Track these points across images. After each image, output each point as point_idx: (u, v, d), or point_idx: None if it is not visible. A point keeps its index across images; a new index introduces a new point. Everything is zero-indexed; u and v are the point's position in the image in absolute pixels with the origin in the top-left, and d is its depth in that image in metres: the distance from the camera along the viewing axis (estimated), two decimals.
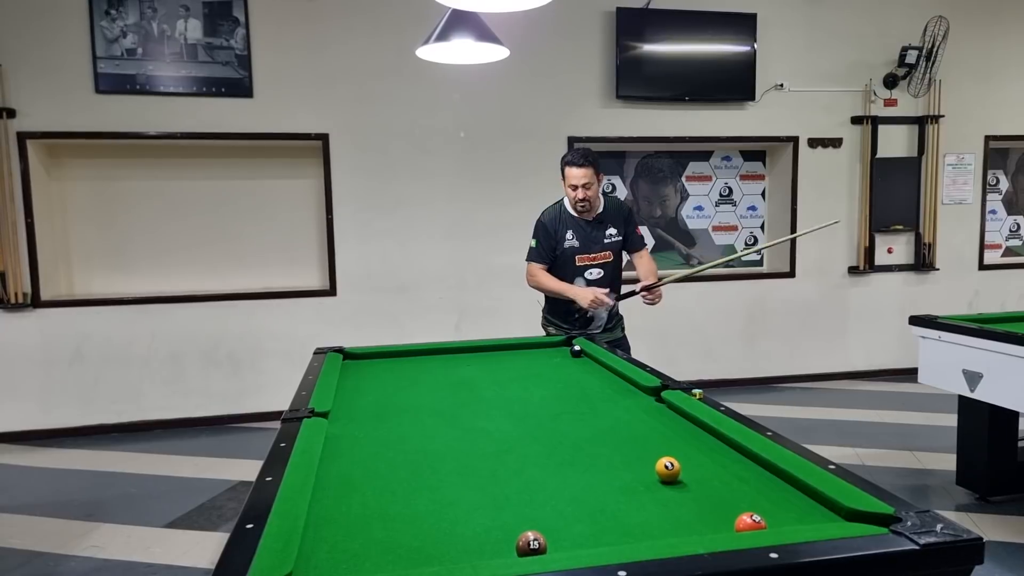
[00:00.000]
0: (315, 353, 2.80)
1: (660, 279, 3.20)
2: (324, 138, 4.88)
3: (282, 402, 2.15)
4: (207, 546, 3.09)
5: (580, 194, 3.07)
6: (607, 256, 3.21)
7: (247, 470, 3.92)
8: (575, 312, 3.20)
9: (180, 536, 3.21)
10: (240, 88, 4.72)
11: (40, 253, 4.59)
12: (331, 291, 4.99)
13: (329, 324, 4.93)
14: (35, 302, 4.58)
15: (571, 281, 3.20)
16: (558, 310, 3.27)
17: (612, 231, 3.21)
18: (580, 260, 3.19)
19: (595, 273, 3.21)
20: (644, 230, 5.72)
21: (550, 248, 3.19)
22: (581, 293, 3.09)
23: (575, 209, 3.14)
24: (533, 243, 3.24)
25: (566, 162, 3.10)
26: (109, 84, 4.56)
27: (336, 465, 1.62)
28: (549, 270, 3.23)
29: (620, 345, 3.28)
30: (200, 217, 4.98)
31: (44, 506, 3.56)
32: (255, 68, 4.74)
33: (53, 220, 4.75)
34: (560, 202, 3.25)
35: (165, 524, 3.32)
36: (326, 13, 4.82)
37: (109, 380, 4.74)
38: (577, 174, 3.05)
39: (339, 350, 2.84)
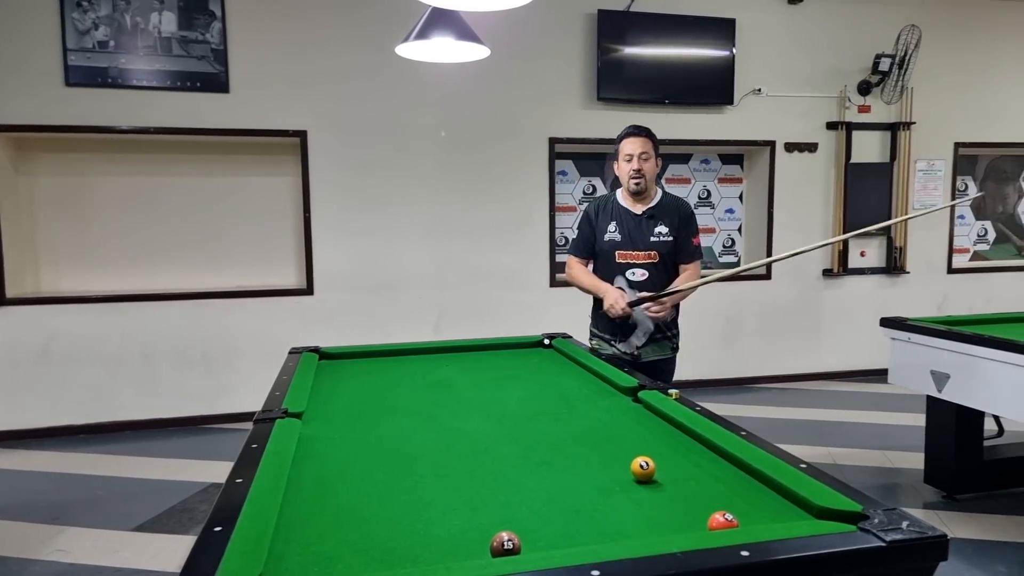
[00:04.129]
0: (290, 353, 2.77)
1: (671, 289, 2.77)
2: (302, 135, 4.83)
3: (257, 403, 2.12)
4: (177, 550, 3.04)
5: (636, 164, 2.73)
6: (652, 256, 2.78)
7: (220, 472, 3.86)
8: (617, 319, 2.76)
9: (149, 539, 3.15)
10: (216, 83, 4.65)
11: (6, 250, 4.47)
12: (308, 290, 4.94)
13: (306, 324, 4.88)
14: (1, 300, 4.46)
15: (611, 281, 2.79)
16: (600, 317, 2.87)
17: (663, 229, 2.78)
18: (621, 256, 2.80)
19: (639, 274, 2.78)
20: None
21: (588, 239, 2.88)
22: (610, 293, 2.71)
23: (629, 186, 2.77)
24: (575, 234, 2.97)
25: (621, 135, 2.79)
26: (80, 77, 4.47)
27: (310, 466, 1.60)
28: (594, 268, 2.90)
29: (665, 367, 2.84)
30: (174, 214, 4.90)
31: (8, 509, 3.47)
32: (231, 63, 4.68)
33: (20, 216, 4.64)
34: (611, 192, 2.94)
35: (134, 527, 3.26)
36: (304, 8, 4.77)
37: (78, 380, 4.64)
38: (634, 141, 2.74)
39: (315, 350, 2.82)
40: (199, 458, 4.17)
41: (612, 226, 2.81)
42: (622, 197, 2.85)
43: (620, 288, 2.74)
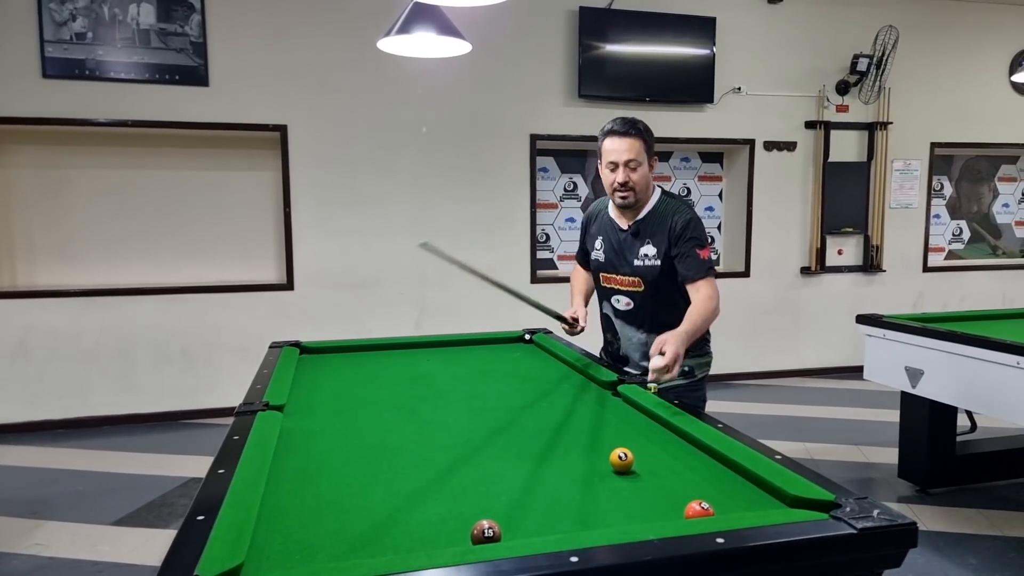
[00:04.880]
0: (271, 347, 2.76)
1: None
2: (282, 129, 4.80)
3: (236, 398, 2.12)
4: (157, 544, 3.02)
5: (621, 176, 2.19)
6: (636, 283, 2.26)
7: (199, 467, 3.83)
8: (607, 343, 2.47)
9: (129, 534, 3.13)
10: (195, 76, 4.61)
11: None
12: (288, 285, 4.92)
13: (286, 319, 4.86)
14: None
15: (601, 306, 2.44)
16: (603, 337, 2.51)
17: (649, 249, 2.22)
18: (605, 280, 2.38)
19: (623, 303, 2.33)
20: None
21: (584, 248, 2.52)
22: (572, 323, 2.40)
23: (615, 200, 2.28)
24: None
25: (604, 132, 2.24)
26: (57, 69, 4.40)
27: (291, 458, 1.61)
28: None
29: (693, 393, 2.24)
30: (152, 208, 4.86)
31: None
32: (211, 56, 4.64)
33: None
34: (607, 199, 2.44)
35: (113, 521, 3.24)
36: (285, 0, 4.74)
37: (55, 375, 4.59)
38: (618, 143, 2.18)
39: (296, 344, 2.81)
40: (178, 453, 4.14)
41: (598, 243, 2.37)
42: (612, 208, 2.36)
43: (608, 316, 2.40)
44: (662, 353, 1.91)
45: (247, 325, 4.81)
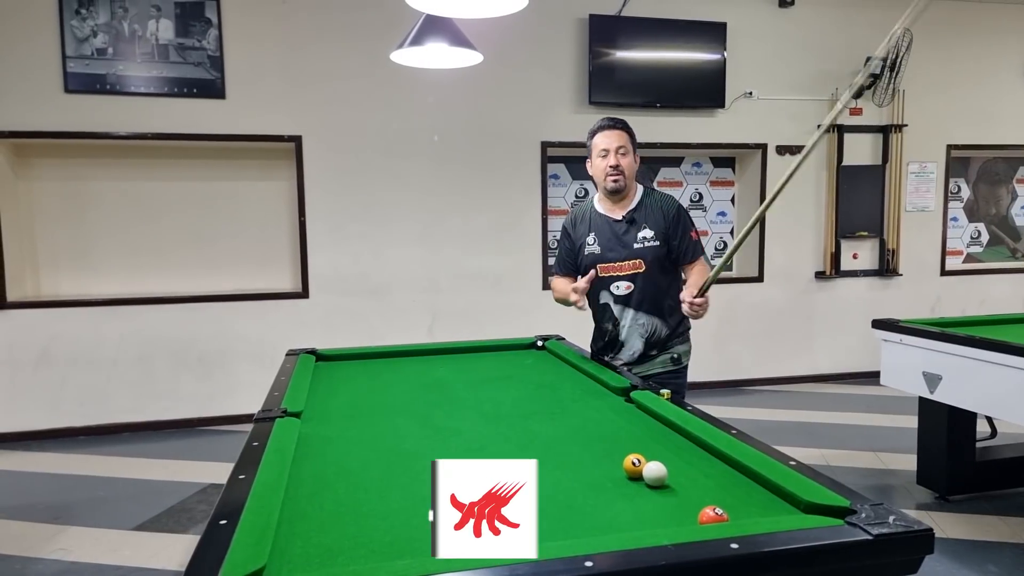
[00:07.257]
0: (287, 355, 2.80)
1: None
2: (297, 140, 4.86)
3: (253, 405, 2.15)
4: (177, 548, 3.06)
5: (612, 159, 2.47)
6: (637, 265, 2.51)
7: (217, 473, 3.88)
8: (605, 332, 2.64)
9: (149, 539, 3.17)
10: (212, 89, 4.69)
11: (6, 254, 4.50)
12: (303, 294, 4.97)
13: (301, 327, 4.90)
14: (1, 303, 4.49)
15: (597, 297, 2.59)
16: (595, 332, 2.70)
17: (647, 233, 2.51)
18: (603, 270, 2.55)
19: (623, 287, 2.53)
20: None
21: (570, 253, 2.65)
22: (573, 293, 2.46)
23: (606, 184, 2.50)
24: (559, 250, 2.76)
25: (594, 129, 2.54)
26: (79, 84, 4.50)
27: (309, 464, 1.63)
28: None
29: (669, 383, 2.33)
30: (171, 218, 4.93)
31: (10, 509, 3.50)
32: (227, 69, 4.71)
33: (19, 220, 4.66)
34: (588, 201, 2.68)
35: (134, 527, 3.28)
36: (299, 15, 4.81)
37: (76, 382, 4.66)
38: (608, 135, 2.49)
39: (312, 352, 2.84)
40: (196, 459, 4.19)
41: (591, 238, 2.57)
42: (599, 203, 2.60)
43: (606, 304, 2.57)
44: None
45: (263, 333, 4.87)
